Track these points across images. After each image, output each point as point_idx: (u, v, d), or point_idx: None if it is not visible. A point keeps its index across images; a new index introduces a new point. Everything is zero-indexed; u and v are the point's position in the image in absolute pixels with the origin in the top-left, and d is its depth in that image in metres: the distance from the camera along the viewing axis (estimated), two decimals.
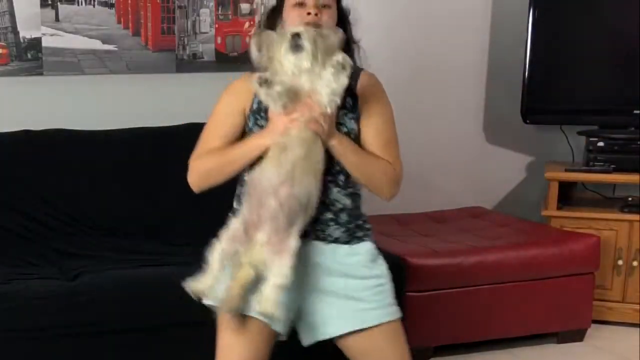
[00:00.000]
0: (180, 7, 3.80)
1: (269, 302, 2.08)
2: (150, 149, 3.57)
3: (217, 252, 2.16)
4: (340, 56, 2.08)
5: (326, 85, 2.09)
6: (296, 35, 2.11)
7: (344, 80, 2.08)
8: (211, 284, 2.16)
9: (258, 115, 2.24)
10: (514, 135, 4.48)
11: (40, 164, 3.40)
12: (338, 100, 2.11)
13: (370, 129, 2.25)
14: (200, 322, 2.95)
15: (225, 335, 2.26)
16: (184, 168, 3.53)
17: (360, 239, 2.30)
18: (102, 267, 3.00)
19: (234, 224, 2.17)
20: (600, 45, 4.14)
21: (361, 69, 2.30)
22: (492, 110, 4.47)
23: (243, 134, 2.28)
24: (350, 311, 2.25)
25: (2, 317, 2.75)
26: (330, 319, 2.26)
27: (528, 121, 4.21)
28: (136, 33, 3.76)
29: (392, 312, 2.29)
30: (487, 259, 3.51)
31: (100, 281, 2.91)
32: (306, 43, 2.10)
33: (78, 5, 3.65)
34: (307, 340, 2.32)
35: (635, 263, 3.92)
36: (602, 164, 4.03)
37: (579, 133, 4.22)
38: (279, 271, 2.09)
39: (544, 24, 4.09)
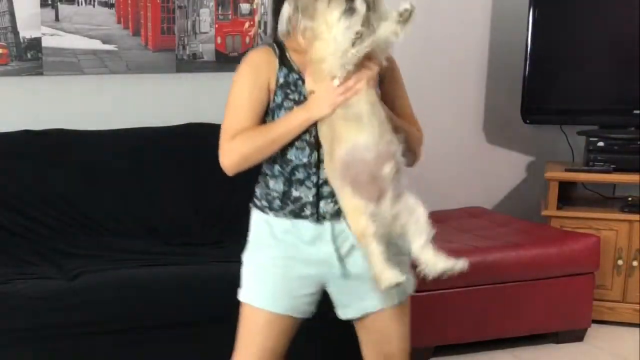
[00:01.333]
0: (180, 7, 3.80)
1: (434, 260, 2.08)
2: (150, 149, 3.57)
3: (374, 240, 2.04)
4: (408, 4, 2.00)
5: (385, 39, 2.03)
6: None
7: (406, 30, 2.02)
8: (399, 272, 2.05)
9: (288, 89, 2.15)
10: (514, 135, 4.48)
11: (40, 164, 3.40)
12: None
13: (395, 97, 2.23)
14: (200, 321, 2.98)
15: (249, 329, 2.25)
16: (184, 168, 3.56)
17: None
18: (102, 267, 3.00)
19: (369, 209, 2.05)
20: (600, 45, 4.14)
21: None
22: (492, 110, 4.47)
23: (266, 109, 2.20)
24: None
25: (2, 317, 2.75)
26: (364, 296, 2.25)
27: (528, 121, 4.21)
28: (136, 33, 3.76)
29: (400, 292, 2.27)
30: (487, 259, 3.51)
31: (100, 281, 2.91)
32: (360, 6, 2.02)
33: (78, 5, 3.65)
34: (345, 314, 2.31)
35: (635, 263, 3.92)
36: (602, 164, 4.03)
37: (579, 133, 4.22)
38: (421, 228, 2.08)
39: (544, 24, 4.09)
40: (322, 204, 2.17)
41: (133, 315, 2.89)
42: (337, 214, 2.17)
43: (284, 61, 2.17)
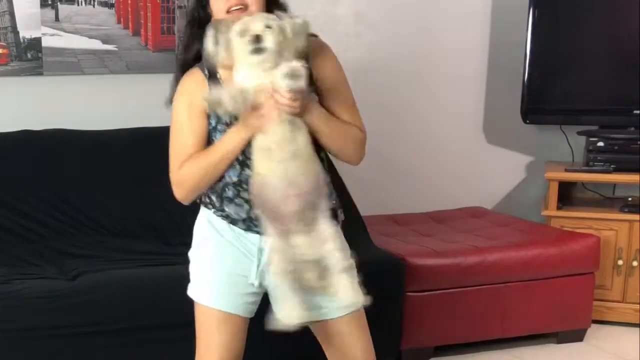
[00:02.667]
0: (180, 7, 3.80)
1: (349, 292, 2.08)
2: (150, 149, 3.56)
3: (284, 277, 2.09)
4: (291, 66, 2.00)
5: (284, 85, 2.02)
6: (257, 38, 2.01)
7: (300, 84, 2.00)
8: (301, 309, 2.09)
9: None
10: (514, 135, 4.48)
11: (40, 164, 3.40)
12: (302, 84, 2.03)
13: (333, 94, 2.20)
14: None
15: (206, 329, 2.25)
16: None
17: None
18: (102, 267, 3.00)
19: (276, 243, 2.10)
20: (600, 46, 4.14)
21: (315, 36, 2.19)
22: (492, 110, 4.47)
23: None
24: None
25: (2, 317, 2.75)
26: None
27: (528, 121, 4.21)
28: (136, 33, 3.76)
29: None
30: (487, 259, 3.51)
31: (100, 281, 2.91)
32: (269, 45, 2.01)
33: (78, 5, 3.66)
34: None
35: (635, 263, 3.92)
36: (602, 164, 4.03)
37: (579, 133, 4.22)
38: (334, 259, 2.08)
39: (544, 24, 4.09)
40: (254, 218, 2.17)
41: (133, 315, 2.89)
42: None
43: (214, 82, 2.17)
